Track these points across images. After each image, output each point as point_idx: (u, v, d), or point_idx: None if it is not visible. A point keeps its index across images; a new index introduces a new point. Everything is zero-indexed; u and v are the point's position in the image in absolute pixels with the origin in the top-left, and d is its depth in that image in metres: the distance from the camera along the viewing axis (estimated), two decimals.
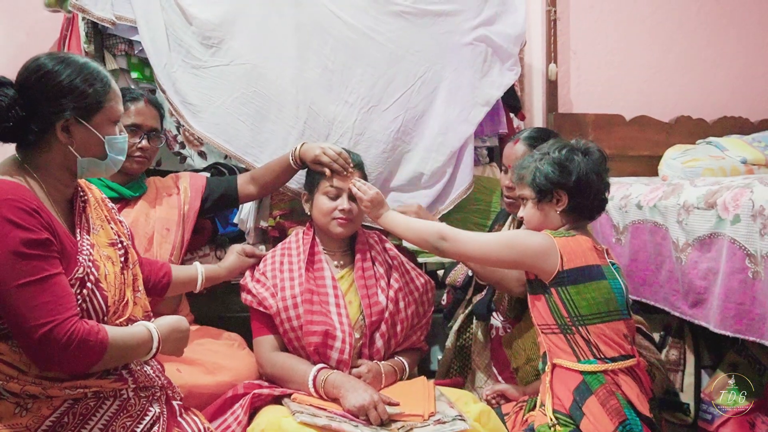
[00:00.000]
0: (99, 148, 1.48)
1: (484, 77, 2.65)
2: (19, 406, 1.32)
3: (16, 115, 1.36)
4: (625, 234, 2.40)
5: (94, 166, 1.49)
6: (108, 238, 1.54)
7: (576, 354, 1.60)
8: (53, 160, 1.44)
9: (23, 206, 1.30)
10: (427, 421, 1.69)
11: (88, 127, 1.44)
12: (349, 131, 2.48)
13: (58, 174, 1.46)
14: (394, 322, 2.02)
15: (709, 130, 3.36)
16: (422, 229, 1.81)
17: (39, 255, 1.30)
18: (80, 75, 1.42)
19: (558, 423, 1.59)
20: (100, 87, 1.45)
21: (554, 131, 2.25)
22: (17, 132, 1.39)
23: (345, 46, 2.48)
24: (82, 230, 1.48)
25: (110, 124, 1.49)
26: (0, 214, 1.28)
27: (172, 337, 1.52)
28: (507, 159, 2.15)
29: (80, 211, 1.51)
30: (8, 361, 1.32)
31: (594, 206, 1.72)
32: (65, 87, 1.40)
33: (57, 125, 1.40)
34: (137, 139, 2.10)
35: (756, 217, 1.78)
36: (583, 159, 1.69)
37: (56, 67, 1.41)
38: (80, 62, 1.44)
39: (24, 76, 1.41)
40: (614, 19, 3.46)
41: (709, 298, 1.95)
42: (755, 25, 3.66)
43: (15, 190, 1.33)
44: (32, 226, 1.30)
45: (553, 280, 1.63)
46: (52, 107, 1.39)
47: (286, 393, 1.84)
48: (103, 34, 2.44)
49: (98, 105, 1.45)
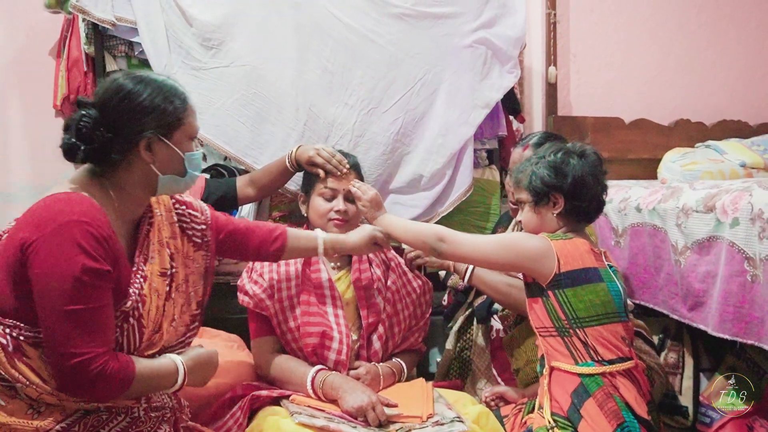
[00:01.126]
0: (179, 165, 1.48)
1: (483, 80, 2.66)
2: (32, 408, 1.33)
3: (101, 136, 1.37)
4: (624, 237, 2.40)
5: (173, 183, 1.49)
6: (161, 266, 1.50)
7: (574, 357, 1.60)
8: (133, 178, 1.44)
9: (95, 233, 1.30)
10: (426, 422, 1.69)
11: (169, 145, 1.45)
12: (348, 133, 2.49)
13: (136, 192, 1.46)
14: (391, 324, 2.02)
15: (709, 134, 3.37)
16: (420, 230, 1.81)
17: (95, 285, 1.29)
18: (161, 93, 1.43)
19: (556, 426, 1.59)
20: (179, 104, 1.46)
21: (562, 136, 2.25)
22: (101, 152, 1.39)
23: (345, 48, 2.49)
24: (140, 259, 1.46)
25: (189, 140, 1.50)
26: (71, 235, 1.27)
27: (198, 370, 1.51)
28: (515, 165, 2.14)
29: (144, 236, 1.50)
30: (33, 367, 1.31)
31: (591, 208, 1.72)
32: (147, 106, 1.41)
33: (140, 144, 1.41)
34: None
35: (755, 221, 1.78)
36: (579, 162, 1.69)
37: (137, 87, 1.41)
38: (159, 80, 1.45)
39: (105, 97, 1.40)
40: (614, 23, 3.47)
41: (708, 301, 1.96)
42: (754, 28, 3.66)
43: (91, 211, 1.32)
44: (98, 255, 1.30)
45: (550, 282, 1.63)
46: (135, 127, 1.40)
47: (285, 394, 1.84)
48: (104, 36, 2.44)
49: (178, 122, 1.46)
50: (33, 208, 1.33)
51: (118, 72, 1.46)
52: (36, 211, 1.32)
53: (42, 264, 1.26)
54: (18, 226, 1.33)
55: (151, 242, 1.50)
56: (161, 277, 1.49)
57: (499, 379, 2.16)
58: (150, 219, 1.53)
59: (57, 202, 1.32)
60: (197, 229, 1.65)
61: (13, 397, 1.33)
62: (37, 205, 1.34)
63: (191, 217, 1.65)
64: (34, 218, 1.30)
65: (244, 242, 1.78)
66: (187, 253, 1.61)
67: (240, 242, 1.77)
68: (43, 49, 2.61)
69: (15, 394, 1.33)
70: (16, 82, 2.59)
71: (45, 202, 1.33)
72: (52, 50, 2.61)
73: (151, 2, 2.38)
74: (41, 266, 1.26)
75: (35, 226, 1.28)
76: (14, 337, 1.30)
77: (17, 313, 1.31)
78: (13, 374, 1.30)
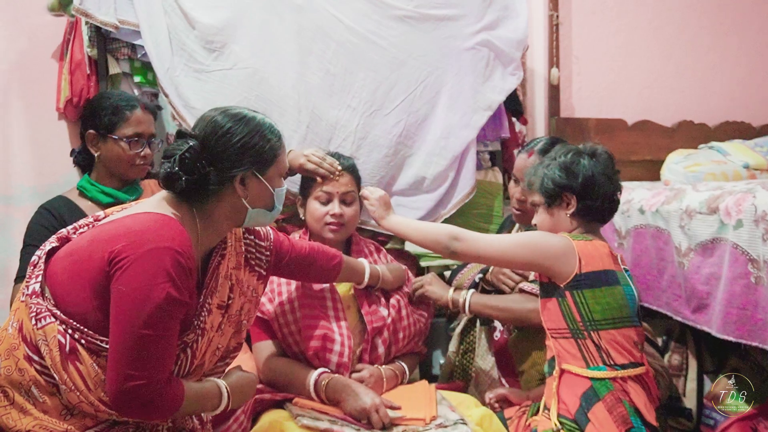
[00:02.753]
0: (269, 200, 1.53)
1: (486, 82, 2.66)
2: (67, 409, 1.34)
3: (201, 169, 1.41)
4: (628, 239, 2.40)
5: (261, 216, 1.53)
6: (221, 299, 1.52)
7: (585, 360, 1.60)
8: (222, 210, 1.47)
9: (184, 263, 1.31)
10: (429, 425, 1.70)
11: (262, 180, 1.49)
12: (351, 135, 2.49)
13: (221, 223, 1.49)
14: (396, 329, 2.02)
15: (712, 135, 3.36)
16: (432, 230, 1.79)
17: (171, 314, 1.31)
18: (258, 132, 1.47)
19: (563, 428, 1.58)
20: (275, 142, 1.51)
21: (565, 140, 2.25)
22: (199, 183, 1.42)
23: (347, 50, 2.49)
24: (207, 292, 1.48)
25: (279, 176, 1.55)
26: (163, 261, 1.28)
27: (239, 393, 1.53)
28: (519, 171, 2.11)
29: (214, 268, 1.52)
30: (82, 373, 1.31)
31: (604, 208, 1.72)
32: (246, 144, 1.45)
33: (236, 178, 1.45)
34: (139, 149, 2.06)
35: (759, 222, 1.78)
36: (590, 161, 1.70)
37: (237, 125, 1.45)
38: (257, 119, 1.50)
39: (206, 132, 1.44)
40: (616, 24, 3.46)
41: (712, 303, 1.95)
42: (757, 29, 3.66)
43: (184, 242, 1.34)
44: (183, 286, 1.32)
45: (569, 282, 1.62)
46: (233, 162, 1.44)
47: (288, 397, 1.84)
48: (106, 38, 2.44)
49: (273, 159, 1.51)
50: (129, 223, 1.34)
51: (217, 108, 1.50)
52: (132, 228, 1.32)
53: (128, 283, 1.27)
54: (109, 235, 1.33)
55: (219, 275, 1.52)
56: (218, 309, 1.51)
57: (503, 380, 2.16)
58: (222, 251, 1.55)
59: (155, 223, 1.33)
60: (261, 259, 1.68)
61: (52, 395, 1.34)
62: (133, 220, 1.35)
63: (257, 248, 1.68)
64: (129, 234, 1.31)
65: (306, 266, 1.82)
66: (248, 284, 1.63)
67: (302, 266, 1.81)
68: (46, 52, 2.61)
69: (56, 392, 1.34)
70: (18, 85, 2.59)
71: (143, 219, 1.35)
72: (55, 53, 2.61)
73: (154, 5, 2.38)
74: (127, 285, 1.27)
75: (129, 243, 1.29)
76: (75, 339, 1.31)
77: (84, 317, 1.32)
78: (62, 376, 1.31)
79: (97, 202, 2.04)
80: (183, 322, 1.38)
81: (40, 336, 1.32)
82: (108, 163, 2.05)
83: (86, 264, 1.32)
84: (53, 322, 1.32)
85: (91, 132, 2.03)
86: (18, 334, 1.36)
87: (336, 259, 1.89)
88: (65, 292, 1.34)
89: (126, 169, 2.06)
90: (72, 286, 1.33)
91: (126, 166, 2.05)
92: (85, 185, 2.06)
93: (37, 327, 1.32)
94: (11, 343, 1.36)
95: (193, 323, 1.42)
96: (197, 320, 1.43)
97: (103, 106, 2.03)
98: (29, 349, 1.34)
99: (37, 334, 1.32)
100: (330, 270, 1.87)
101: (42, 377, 1.33)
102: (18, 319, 1.37)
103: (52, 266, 1.38)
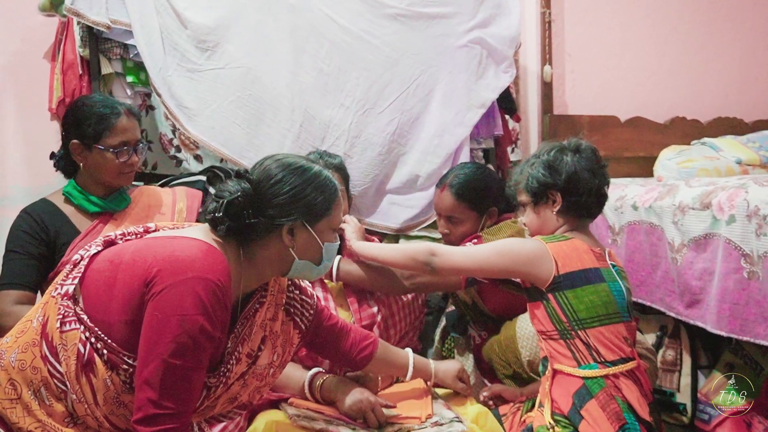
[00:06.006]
0: (317, 253, 1.47)
1: (479, 80, 2.66)
2: (71, 416, 1.33)
3: (248, 217, 1.37)
4: (621, 235, 2.41)
5: (307, 269, 1.48)
6: (251, 348, 1.47)
7: (576, 359, 1.60)
8: (267, 255, 1.43)
9: (222, 299, 1.29)
10: (425, 423, 1.69)
11: (312, 233, 1.44)
12: (344, 134, 2.49)
13: (265, 268, 1.45)
14: (386, 326, 2.03)
15: (704, 131, 3.37)
16: (409, 248, 1.81)
17: (203, 347, 1.28)
18: (313, 183, 1.43)
19: (557, 425, 1.59)
20: (329, 195, 1.46)
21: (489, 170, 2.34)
22: (244, 230, 1.39)
23: (340, 49, 2.49)
24: (237, 339, 1.43)
25: (330, 231, 1.49)
26: (198, 294, 1.25)
27: None
28: (438, 207, 2.25)
29: (251, 315, 1.47)
30: (94, 387, 1.29)
31: (591, 203, 1.72)
32: (298, 195, 1.41)
33: (284, 227, 1.41)
34: (126, 157, 1.95)
35: (751, 218, 1.79)
36: (573, 157, 1.70)
37: (290, 175, 1.41)
38: (314, 170, 1.45)
39: (258, 179, 1.41)
40: (609, 21, 3.47)
41: (705, 298, 1.96)
42: (749, 26, 3.67)
43: (224, 275, 1.31)
44: (218, 321, 1.29)
45: (549, 285, 1.63)
46: (282, 212, 1.40)
47: (283, 397, 1.84)
48: (98, 38, 2.43)
49: (325, 212, 1.45)
50: (174, 246, 1.31)
51: (275, 156, 1.46)
52: (175, 252, 1.30)
53: (163, 309, 1.24)
54: (152, 253, 1.30)
55: (255, 323, 1.48)
56: (247, 358, 1.47)
57: (486, 382, 2.15)
58: (262, 298, 1.50)
59: (199, 252, 1.30)
60: (305, 315, 1.63)
61: (60, 400, 1.32)
62: (179, 244, 1.32)
63: (302, 303, 1.62)
64: (171, 259, 1.28)
65: (338, 341, 1.72)
66: (290, 339, 1.59)
67: (334, 339, 1.71)
68: (38, 52, 2.60)
69: (64, 398, 1.32)
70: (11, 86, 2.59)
71: (188, 246, 1.32)
72: (47, 53, 2.60)
73: (146, 5, 2.37)
74: (161, 310, 1.24)
75: (170, 269, 1.26)
76: (95, 350, 1.28)
77: (110, 327, 1.29)
78: (74, 386, 1.29)
79: (83, 210, 1.96)
80: (210, 361, 1.35)
81: (62, 341, 1.30)
82: (94, 172, 1.96)
83: (124, 276, 1.30)
84: (77, 329, 1.29)
85: (75, 142, 1.92)
86: (41, 329, 1.34)
87: (371, 338, 1.77)
88: (98, 297, 1.31)
89: (113, 178, 1.97)
90: (106, 293, 1.31)
91: (113, 175, 1.96)
92: (72, 192, 1.97)
93: (61, 331, 1.30)
94: (33, 338, 1.34)
95: (220, 369, 1.39)
96: (224, 367, 1.40)
97: (86, 114, 1.92)
98: (48, 349, 1.32)
99: (59, 337, 1.30)
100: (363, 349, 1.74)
101: (53, 380, 1.31)
102: (45, 314, 1.34)
103: (92, 269, 1.35)
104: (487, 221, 2.18)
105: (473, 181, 2.18)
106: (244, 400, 1.52)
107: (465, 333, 2.26)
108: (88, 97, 2.02)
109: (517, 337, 1.96)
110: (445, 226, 2.21)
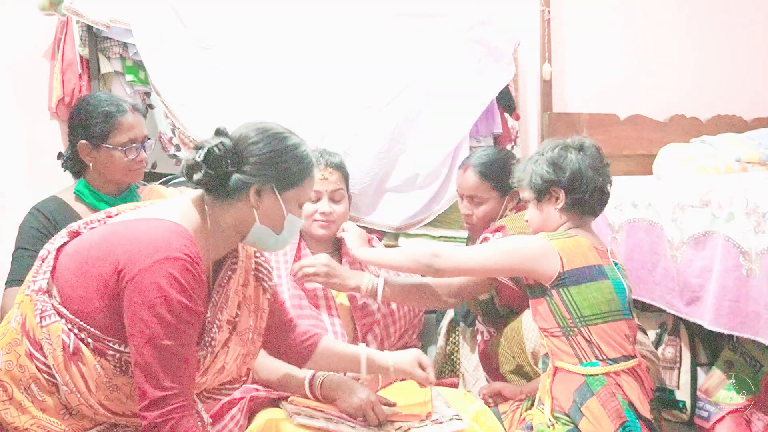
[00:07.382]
0: (278, 222, 1.46)
1: (478, 78, 2.66)
2: (66, 409, 1.33)
3: (225, 167, 1.38)
4: (621, 232, 2.41)
5: (265, 236, 1.47)
6: (229, 314, 1.49)
7: (578, 356, 1.61)
8: (230, 218, 1.43)
9: (194, 271, 1.29)
10: (425, 421, 1.70)
11: (278, 199, 1.44)
12: (344, 132, 2.49)
13: (227, 232, 1.45)
14: (386, 324, 2.03)
15: (703, 129, 3.37)
16: (412, 251, 1.82)
17: (189, 323, 1.29)
18: (291, 152, 1.44)
19: (557, 422, 1.59)
20: (304, 168, 1.46)
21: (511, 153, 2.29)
22: (217, 181, 1.39)
23: (340, 48, 2.49)
24: (216, 308, 1.45)
25: (297, 204, 1.49)
26: (171, 274, 1.26)
27: None
28: (460, 187, 2.22)
29: (224, 284, 1.48)
30: (84, 375, 1.30)
31: (594, 201, 1.73)
32: (274, 158, 1.42)
33: (252, 187, 1.41)
34: (135, 154, 1.97)
35: (750, 215, 1.79)
36: (577, 155, 1.71)
37: (271, 140, 1.43)
38: (296, 141, 1.46)
39: (242, 135, 1.42)
40: (608, 19, 3.46)
41: (704, 295, 1.96)
42: (748, 24, 3.66)
43: (193, 251, 1.31)
44: (197, 295, 1.30)
45: (554, 282, 1.63)
46: (257, 171, 1.40)
47: (284, 396, 1.84)
48: (98, 37, 2.44)
49: (296, 182, 1.46)
50: (138, 230, 1.32)
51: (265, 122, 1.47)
52: (140, 236, 1.30)
53: (141, 294, 1.25)
54: (118, 239, 1.31)
55: (229, 289, 1.49)
56: (228, 325, 1.48)
57: (489, 380, 2.15)
58: (233, 265, 1.51)
59: (163, 232, 1.31)
60: (270, 284, 1.63)
61: (52, 394, 1.32)
62: (143, 227, 1.32)
63: (268, 270, 1.64)
64: (136, 244, 1.28)
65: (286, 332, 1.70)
66: (260, 304, 1.59)
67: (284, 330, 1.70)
68: (38, 51, 2.60)
69: (56, 391, 1.32)
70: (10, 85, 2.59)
71: (151, 228, 1.32)
72: (47, 53, 2.60)
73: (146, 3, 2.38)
74: (141, 296, 1.25)
75: (137, 254, 1.27)
76: (80, 339, 1.29)
77: (91, 316, 1.30)
78: (65, 377, 1.30)
79: (95, 210, 1.94)
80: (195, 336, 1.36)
81: (44, 335, 1.30)
82: (103, 171, 1.98)
83: (95, 265, 1.30)
84: (58, 321, 1.30)
85: (83, 143, 1.94)
86: (21, 329, 1.34)
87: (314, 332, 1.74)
88: (72, 289, 1.32)
89: (122, 176, 1.99)
90: (79, 284, 1.31)
91: (122, 172, 1.98)
92: (83, 190, 1.98)
93: (41, 325, 1.31)
94: (14, 337, 1.34)
95: (204, 339, 1.40)
96: (208, 336, 1.41)
97: (92, 114, 1.93)
98: (32, 345, 1.32)
99: (41, 332, 1.31)
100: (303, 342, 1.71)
101: (42, 375, 1.32)
102: (22, 313, 1.35)
103: (61, 262, 1.36)
104: (509, 203, 2.17)
105: (496, 161, 2.17)
106: (232, 372, 1.53)
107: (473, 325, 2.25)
108: (93, 96, 2.03)
109: (522, 328, 1.96)
110: (468, 207, 2.19)
